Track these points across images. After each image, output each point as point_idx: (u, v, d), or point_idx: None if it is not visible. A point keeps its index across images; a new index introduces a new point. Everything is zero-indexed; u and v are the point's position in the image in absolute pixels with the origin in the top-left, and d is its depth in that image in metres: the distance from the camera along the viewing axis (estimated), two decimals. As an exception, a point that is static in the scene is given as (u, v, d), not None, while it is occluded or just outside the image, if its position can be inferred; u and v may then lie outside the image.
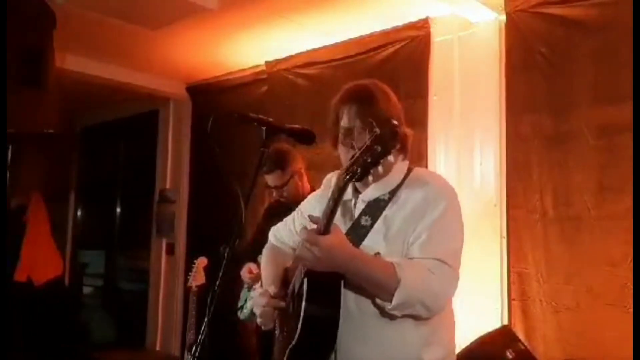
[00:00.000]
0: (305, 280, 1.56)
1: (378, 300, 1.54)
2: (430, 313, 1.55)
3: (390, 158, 1.30)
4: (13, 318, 4.36)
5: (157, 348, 5.48)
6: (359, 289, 1.58)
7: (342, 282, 1.55)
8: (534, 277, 2.98)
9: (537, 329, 2.94)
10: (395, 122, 1.34)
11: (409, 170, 1.72)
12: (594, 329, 2.76)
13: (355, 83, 1.76)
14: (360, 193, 1.71)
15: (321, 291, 1.55)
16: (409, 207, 1.62)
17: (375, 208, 1.65)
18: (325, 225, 1.47)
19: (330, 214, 1.48)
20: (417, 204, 1.61)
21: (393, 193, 1.66)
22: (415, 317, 1.57)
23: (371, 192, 1.68)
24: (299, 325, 1.54)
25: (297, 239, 1.91)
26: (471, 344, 2.74)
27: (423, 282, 1.51)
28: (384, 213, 1.63)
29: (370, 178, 1.36)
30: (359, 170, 1.33)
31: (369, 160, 1.31)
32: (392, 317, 1.56)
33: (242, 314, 3.01)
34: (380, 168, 1.32)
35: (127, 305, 6.20)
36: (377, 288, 1.53)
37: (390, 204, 1.64)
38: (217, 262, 1.66)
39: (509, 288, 3.07)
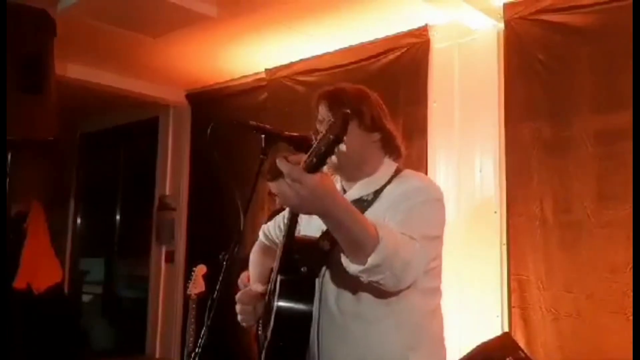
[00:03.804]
0: (279, 276, 1.55)
1: (344, 261, 1.43)
2: (396, 285, 1.45)
3: (342, 147, 1.25)
4: (13, 325, 4.35)
5: (157, 355, 5.46)
6: (338, 279, 1.56)
7: (317, 280, 1.53)
8: (535, 284, 2.97)
9: (538, 336, 2.94)
10: (347, 111, 1.30)
11: (397, 172, 1.71)
12: (594, 337, 2.75)
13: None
14: (346, 193, 1.70)
15: (294, 287, 1.53)
16: (389, 201, 1.61)
17: (358, 208, 1.59)
18: (314, 164, 1.29)
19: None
20: (397, 196, 1.60)
21: (377, 193, 1.65)
22: (378, 293, 1.51)
23: (355, 191, 1.67)
24: (272, 322, 1.53)
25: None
26: (471, 351, 2.74)
27: (400, 247, 1.42)
28: (365, 214, 1.58)
29: (324, 168, 1.31)
30: (314, 160, 1.29)
31: (322, 150, 1.27)
32: (371, 319, 1.55)
33: None
34: (334, 157, 1.27)
35: (127, 313, 6.19)
36: (353, 244, 1.40)
37: (374, 204, 1.63)
38: (216, 270, 1.66)
39: (510, 295, 3.06)
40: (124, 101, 5.27)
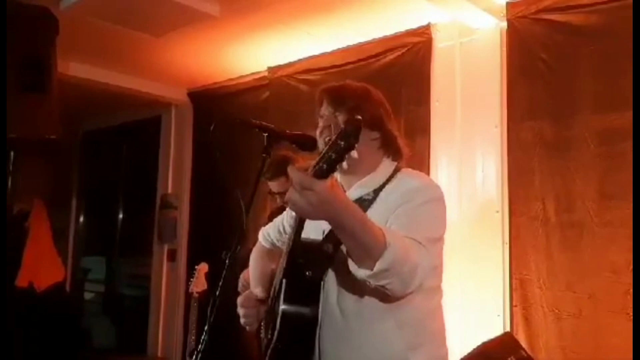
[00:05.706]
0: (284, 281, 1.55)
1: (352, 267, 1.42)
2: (403, 289, 1.44)
3: (354, 154, 1.25)
4: (14, 323, 4.36)
5: (158, 354, 5.46)
6: (341, 282, 1.55)
7: (322, 283, 1.53)
8: (536, 283, 2.97)
9: (539, 335, 2.94)
10: (359, 117, 1.29)
11: (396, 170, 1.70)
12: (596, 336, 2.75)
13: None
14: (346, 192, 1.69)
15: (299, 291, 1.53)
16: (389, 202, 1.60)
17: (359, 208, 1.57)
18: (325, 170, 1.27)
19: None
20: (398, 197, 1.59)
21: (377, 192, 1.64)
22: (382, 297, 1.52)
23: (354, 191, 1.66)
24: (277, 326, 1.53)
25: (285, 239, 1.91)
26: (473, 350, 2.73)
27: (408, 252, 1.42)
28: (366, 214, 1.55)
29: (336, 174, 1.31)
30: (325, 167, 1.28)
31: (333, 157, 1.26)
32: (373, 319, 1.54)
33: None
34: (345, 164, 1.27)
35: (129, 311, 6.19)
36: (361, 249, 1.39)
37: (374, 205, 1.62)
38: (218, 268, 1.66)
39: (511, 295, 3.06)
40: (127, 100, 5.28)
